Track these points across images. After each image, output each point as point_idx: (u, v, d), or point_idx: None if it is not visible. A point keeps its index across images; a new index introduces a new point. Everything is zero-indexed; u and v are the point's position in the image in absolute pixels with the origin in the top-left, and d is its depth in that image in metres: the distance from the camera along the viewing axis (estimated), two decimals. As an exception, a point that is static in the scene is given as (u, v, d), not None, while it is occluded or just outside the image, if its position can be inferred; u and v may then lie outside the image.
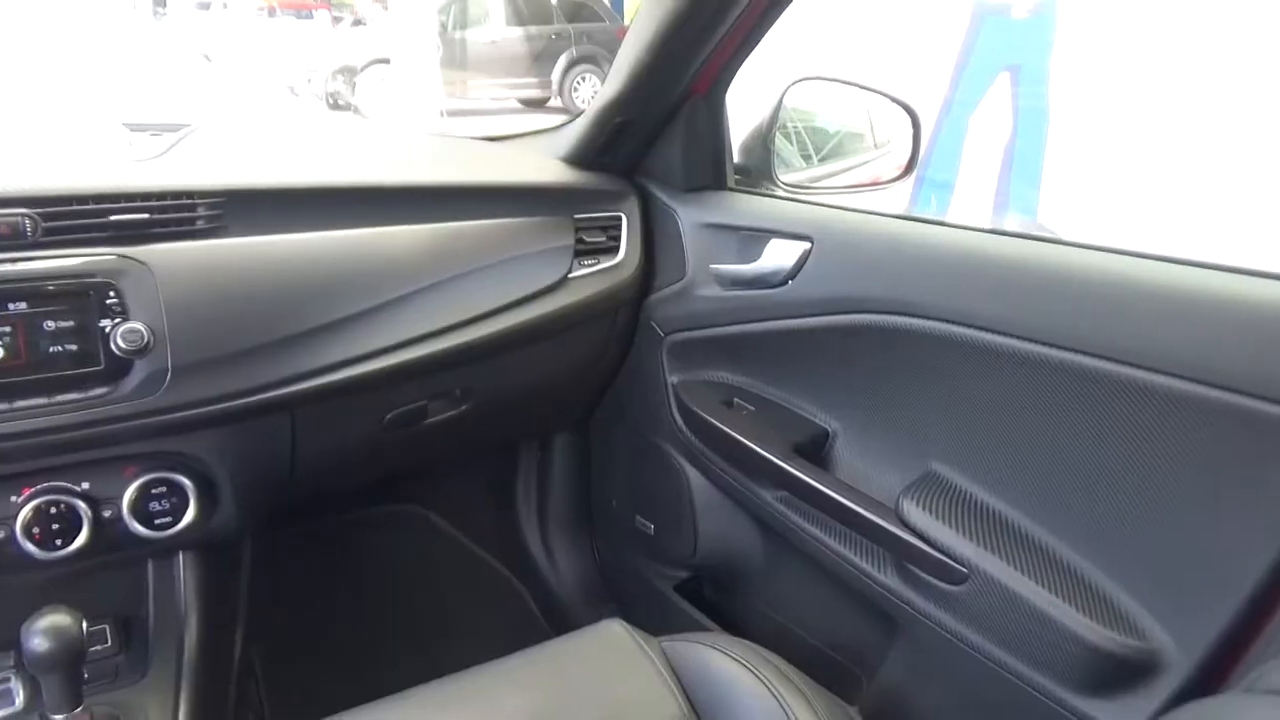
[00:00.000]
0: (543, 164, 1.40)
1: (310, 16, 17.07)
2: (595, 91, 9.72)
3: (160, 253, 1.00)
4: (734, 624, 1.44)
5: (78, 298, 0.95)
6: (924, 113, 1.41)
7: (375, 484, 1.75)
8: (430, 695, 0.95)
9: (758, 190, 1.39)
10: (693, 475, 1.41)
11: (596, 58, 10.46)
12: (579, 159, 1.39)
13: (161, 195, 1.02)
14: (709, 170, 1.38)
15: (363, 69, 9.98)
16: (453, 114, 8.56)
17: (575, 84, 10.36)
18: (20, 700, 1.02)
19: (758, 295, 1.24)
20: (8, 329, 0.92)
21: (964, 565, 0.98)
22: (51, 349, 0.94)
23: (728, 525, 1.39)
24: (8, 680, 1.04)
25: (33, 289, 0.93)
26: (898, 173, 1.49)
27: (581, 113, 1.38)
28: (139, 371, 0.97)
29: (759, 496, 1.27)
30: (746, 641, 1.02)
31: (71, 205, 0.97)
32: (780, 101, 1.40)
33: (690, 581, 1.52)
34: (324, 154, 1.33)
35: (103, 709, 0.98)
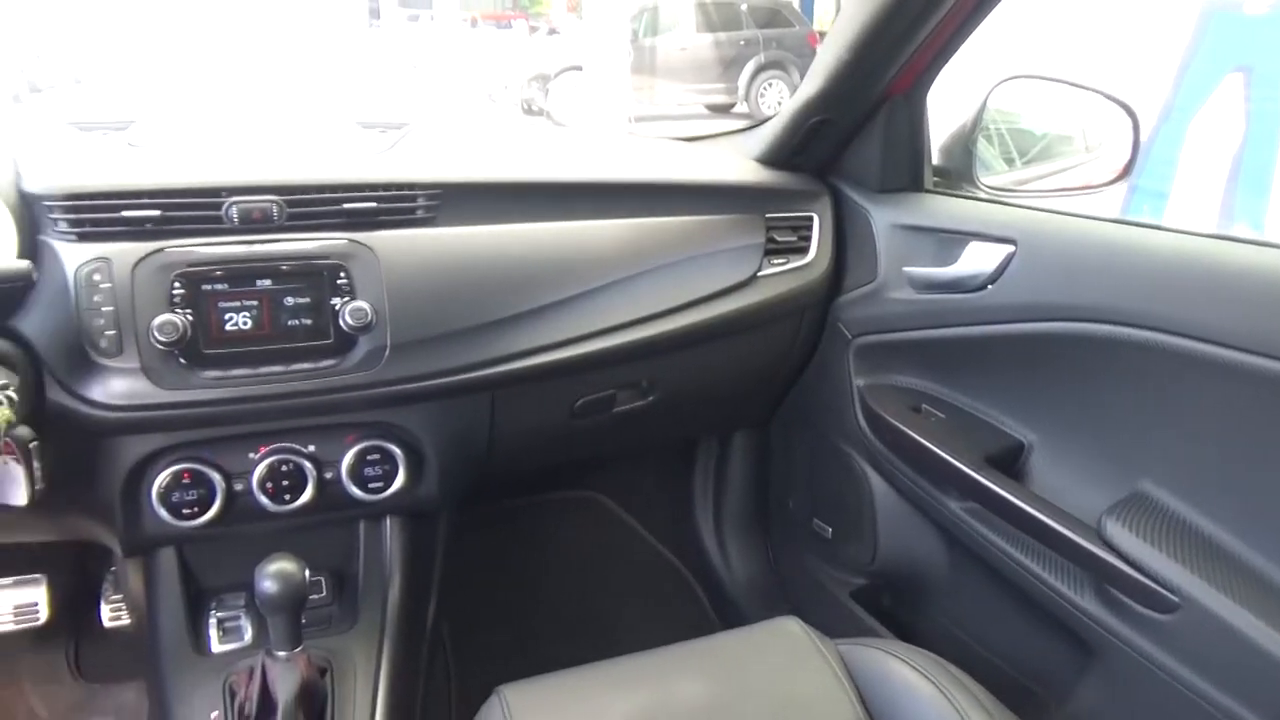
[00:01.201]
0: (736, 163, 1.42)
1: (509, 27, 17.94)
2: (781, 98, 9.65)
3: (384, 238, 1.09)
4: (911, 635, 1.40)
5: (313, 277, 1.05)
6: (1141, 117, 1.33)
7: (558, 470, 1.82)
8: (607, 671, 0.98)
9: (957, 192, 1.35)
10: (875, 480, 1.38)
11: (784, 63, 10.39)
12: (772, 159, 1.40)
13: (387, 186, 1.11)
14: (906, 171, 1.35)
15: (556, 76, 10.35)
16: (640, 120, 8.74)
17: (762, 90, 10.33)
18: (248, 636, 1.14)
19: (953, 299, 1.21)
20: (254, 303, 1.03)
21: (1174, 592, 0.92)
22: (290, 322, 1.05)
23: (910, 533, 1.35)
24: (238, 617, 1.15)
25: (277, 268, 1.04)
26: (1112, 176, 1.40)
27: (771, 116, 1.39)
28: (362, 347, 1.06)
29: (945, 506, 1.23)
30: (927, 652, 1.00)
31: (311, 194, 1.08)
32: (985, 101, 1.36)
33: (867, 588, 1.49)
34: (528, 152, 1.40)
35: (317, 652, 1.08)
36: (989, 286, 1.16)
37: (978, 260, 1.17)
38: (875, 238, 1.34)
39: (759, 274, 1.32)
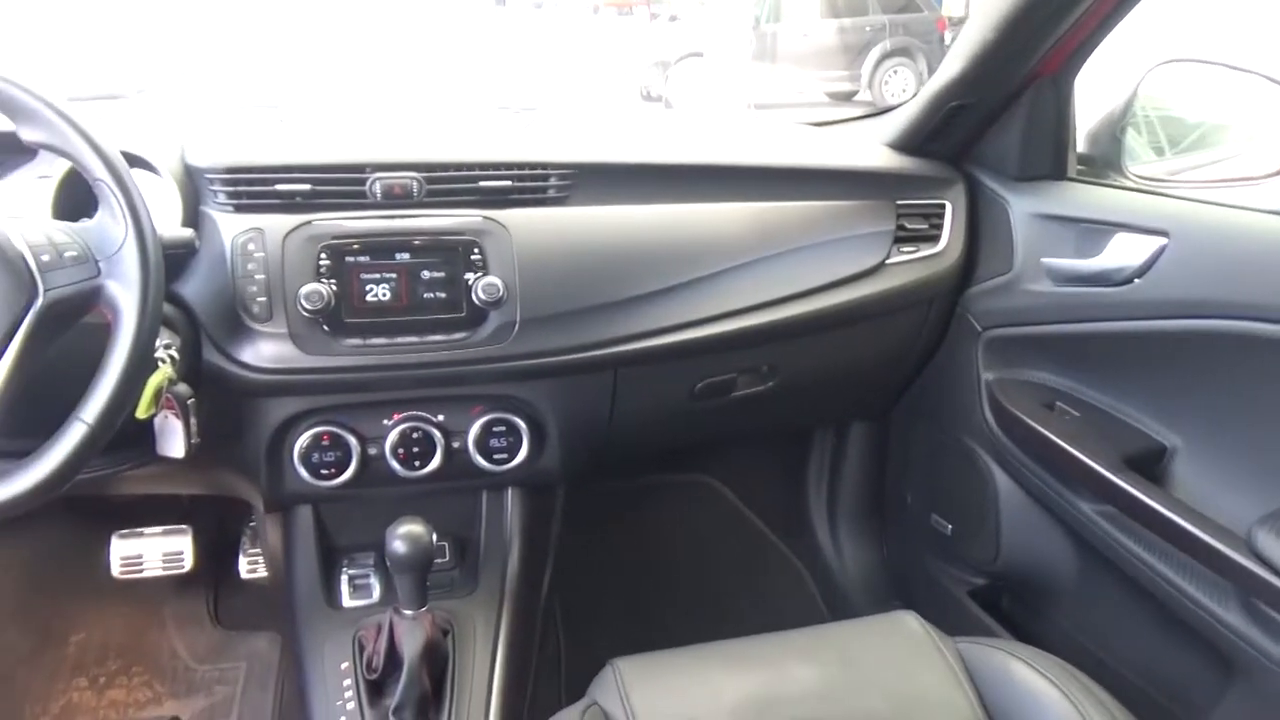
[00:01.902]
0: (867, 148, 1.39)
1: (630, 13, 17.97)
2: (906, 85, 9.37)
3: (517, 216, 1.12)
4: (1031, 639, 1.35)
5: (449, 252, 1.09)
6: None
7: (672, 453, 1.83)
8: (720, 651, 0.98)
9: (1103, 181, 1.29)
10: (1001, 478, 1.34)
11: (910, 50, 10.09)
12: (905, 144, 1.36)
13: (521, 165, 1.14)
14: (1048, 158, 1.29)
15: (676, 63, 10.32)
16: (760, 106, 8.65)
17: (886, 77, 10.06)
18: (376, 594, 1.20)
19: (1095, 293, 1.16)
20: (394, 275, 1.07)
21: None
22: (425, 295, 1.08)
23: (1036, 534, 1.31)
24: (368, 576, 1.21)
25: (415, 242, 1.08)
26: (1276, 168, 1.31)
27: (899, 103, 1.36)
28: (493, 321, 1.09)
29: (1077, 508, 1.18)
30: (1053, 656, 0.96)
31: (450, 171, 1.11)
32: (1138, 87, 1.29)
33: (986, 588, 1.45)
34: (658, 135, 1.41)
35: (440, 613, 1.12)
36: (1136, 280, 1.10)
37: (1125, 252, 1.12)
38: (1012, 227, 1.29)
39: (887, 261, 1.30)
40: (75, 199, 1.06)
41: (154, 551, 1.57)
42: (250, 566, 1.58)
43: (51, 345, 0.81)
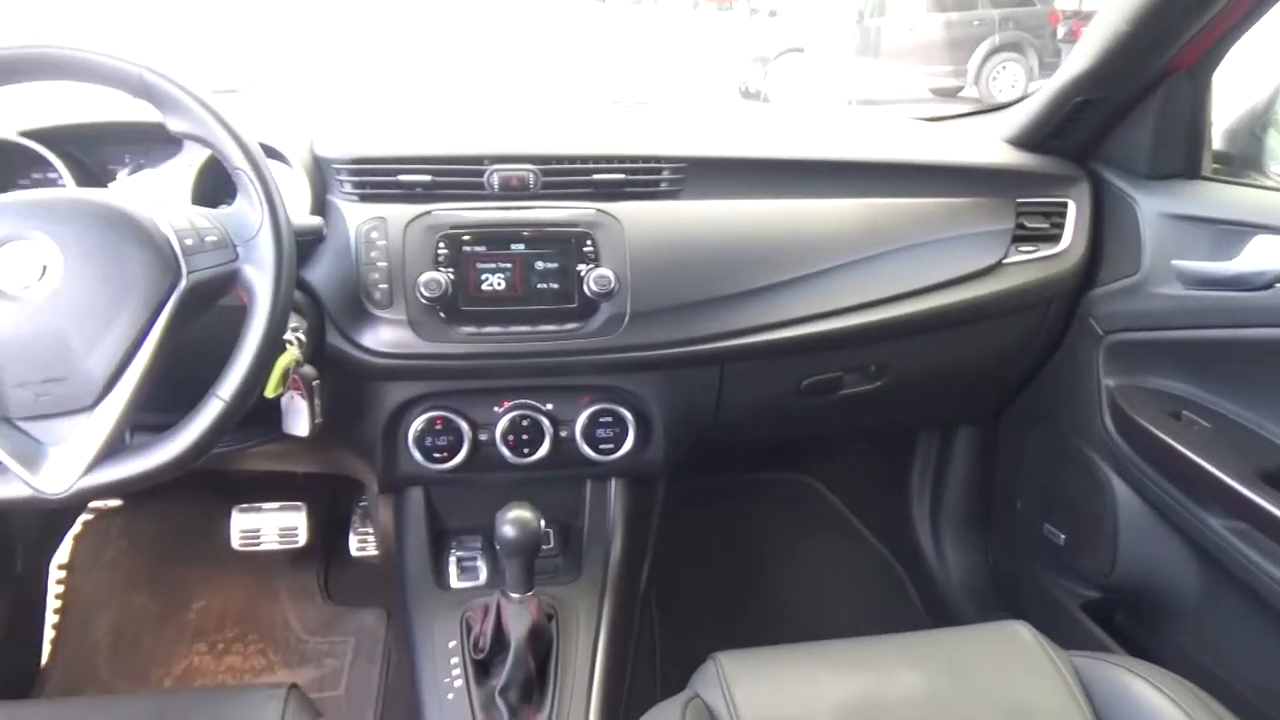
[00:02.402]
0: (985, 145, 1.35)
1: (729, 8, 17.88)
2: (1015, 81, 9.06)
3: (629, 209, 1.13)
4: (1148, 655, 1.29)
5: (562, 243, 1.10)
6: None
7: (772, 450, 1.82)
8: (823, 651, 0.97)
9: (1241, 180, 1.23)
10: (1119, 488, 1.29)
11: (1021, 44, 9.76)
12: (1026, 140, 1.32)
13: (634, 159, 1.15)
14: (1181, 156, 1.24)
15: (775, 58, 10.22)
16: (861, 103, 8.50)
17: (995, 73, 9.76)
18: (483, 576, 1.23)
19: (1231, 298, 1.10)
20: (508, 265, 1.10)
21: None
22: (539, 286, 1.10)
23: (1157, 548, 1.25)
24: (475, 558, 1.24)
25: (530, 233, 1.10)
26: None
27: (1019, 98, 1.31)
28: (604, 313, 1.11)
29: (1204, 523, 1.13)
30: (1174, 674, 0.92)
31: (564, 164, 1.13)
32: (1282, 82, 1.22)
33: (1100, 601, 1.40)
34: (770, 129, 1.40)
35: (545, 598, 1.14)
36: (1277, 285, 1.05)
37: (1266, 256, 1.06)
38: (1140, 227, 1.24)
39: (1004, 261, 1.26)
40: (212, 187, 1.11)
41: (271, 526, 1.64)
42: (360, 544, 1.65)
43: (189, 326, 0.85)
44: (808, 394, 1.28)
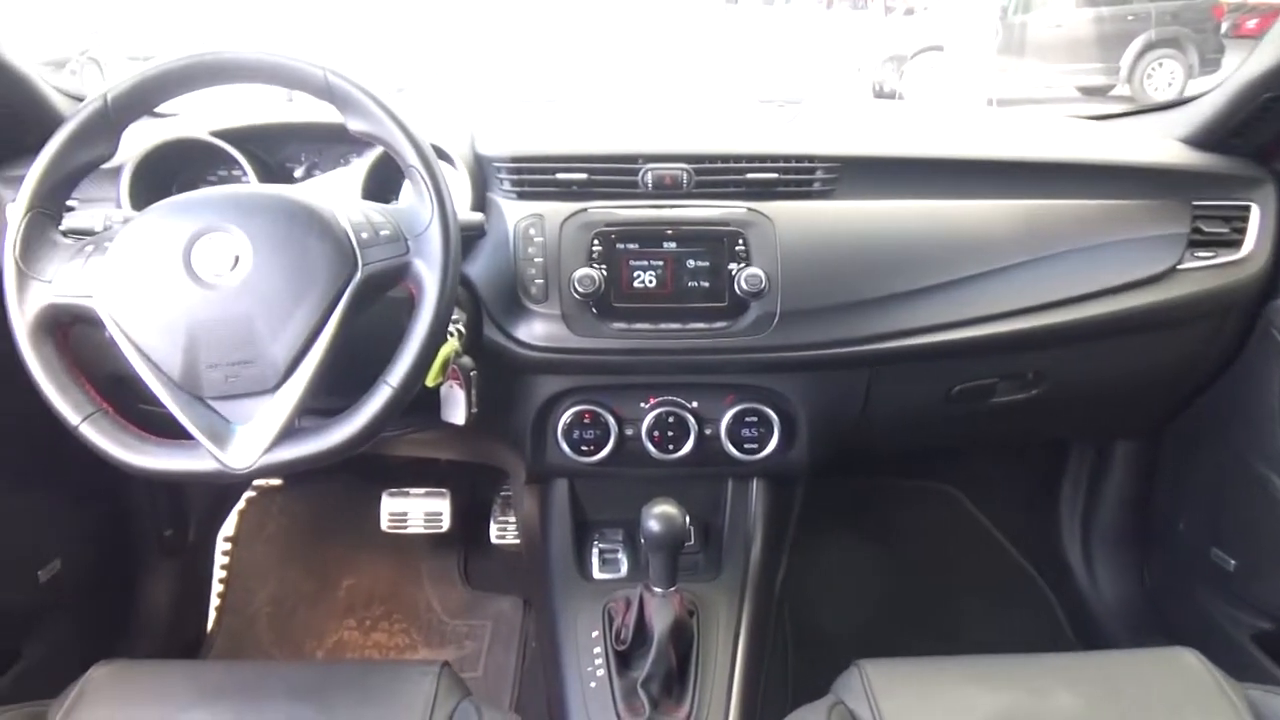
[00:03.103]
0: (1156, 144, 1.28)
1: (864, 7, 17.53)
2: (1173, 79, 8.54)
3: (781, 209, 1.12)
4: None
5: (714, 242, 1.11)
6: None
7: (913, 457, 1.78)
8: (971, 666, 0.94)
9: None
10: None
11: (1180, 40, 9.19)
12: (1203, 139, 1.25)
13: (787, 159, 1.14)
14: None
15: (912, 57, 9.96)
16: (1003, 102, 8.19)
17: (1150, 70, 9.22)
18: (624, 569, 1.24)
19: None
20: (660, 263, 1.11)
21: None
22: (689, 284, 1.11)
23: None
24: (616, 551, 1.26)
25: (682, 231, 1.11)
26: None
27: (1186, 98, 1.26)
28: (753, 312, 1.10)
29: None
30: None
31: (717, 163, 1.13)
32: None
33: (1275, 634, 1.30)
34: (925, 128, 1.37)
35: (687, 594, 1.14)
36: None
37: None
38: None
39: (1178, 267, 1.19)
40: (379, 184, 1.17)
41: (417, 510, 1.71)
42: (499, 532, 1.70)
43: (360, 316, 0.90)
44: (958, 401, 1.24)
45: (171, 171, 1.19)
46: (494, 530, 1.71)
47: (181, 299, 0.83)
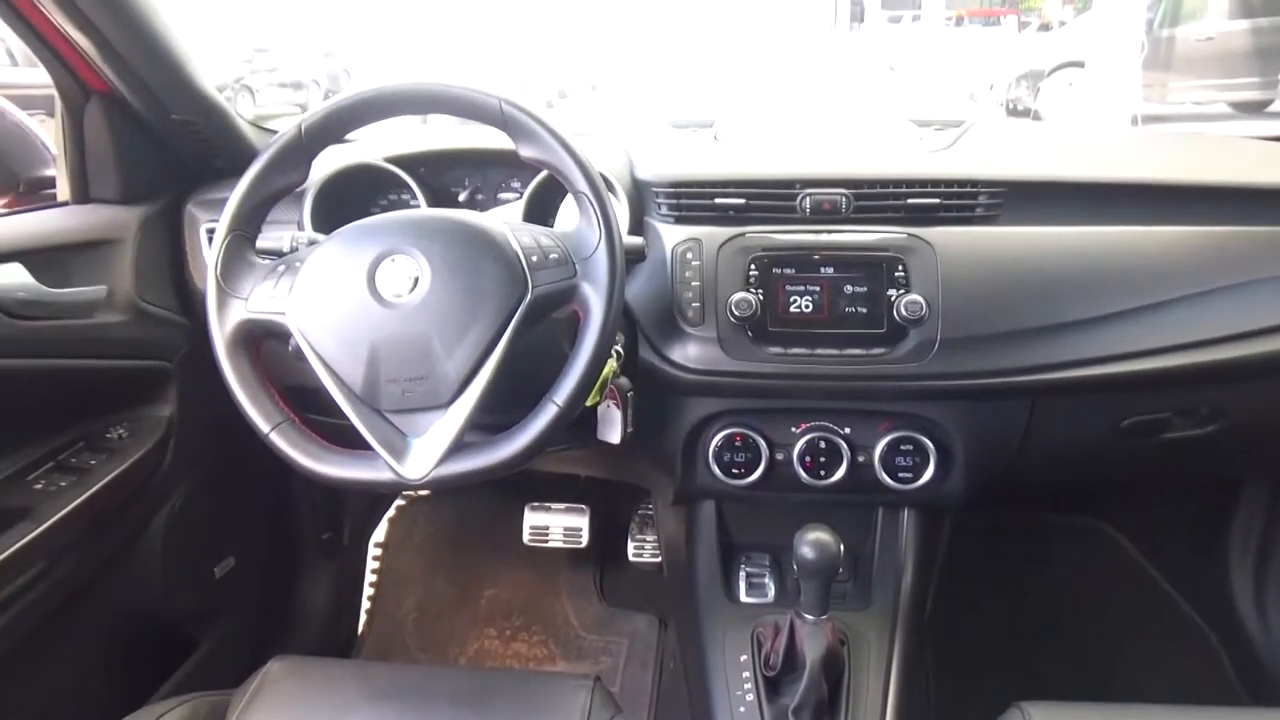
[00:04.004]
0: None
1: (997, 24, 17.08)
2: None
3: (942, 234, 1.10)
4: None
5: (873, 267, 1.10)
6: None
7: (1068, 491, 1.71)
8: (1140, 715, 0.90)
9: None
10: None
11: (1348, 50, 8.57)
12: None
13: (949, 183, 1.12)
14: None
15: (1049, 73, 9.63)
16: (1148, 119, 7.80)
17: (1314, 84, 8.63)
18: (771, 594, 1.23)
19: None
20: (817, 288, 1.11)
21: None
22: (846, 309, 1.10)
23: None
24: (763, 575, 1.26)
25: (840, 257, 1.10)
26: None
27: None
28: (912, 339, 1.09)
29: None
30: None
31: (877, 188, 1.12)
32: None
33: None
34: (1087, 150, 1.32)
35: (838, 623, 1.13)
36: None
37: None
38: None
39: None
40: (539, 209, 1.21)
41: (558, 525, 1.75)
42: (636, 550, 1.71)
43: (527, 336, 0.93)
44: (1127, 435, 1.19)
45: (346, 194, 1.26)
46: (631, 548, 1.73)
47: (365, 317, 0.88)
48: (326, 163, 1.22)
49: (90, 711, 1.22)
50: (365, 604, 1.83)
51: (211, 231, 1.25)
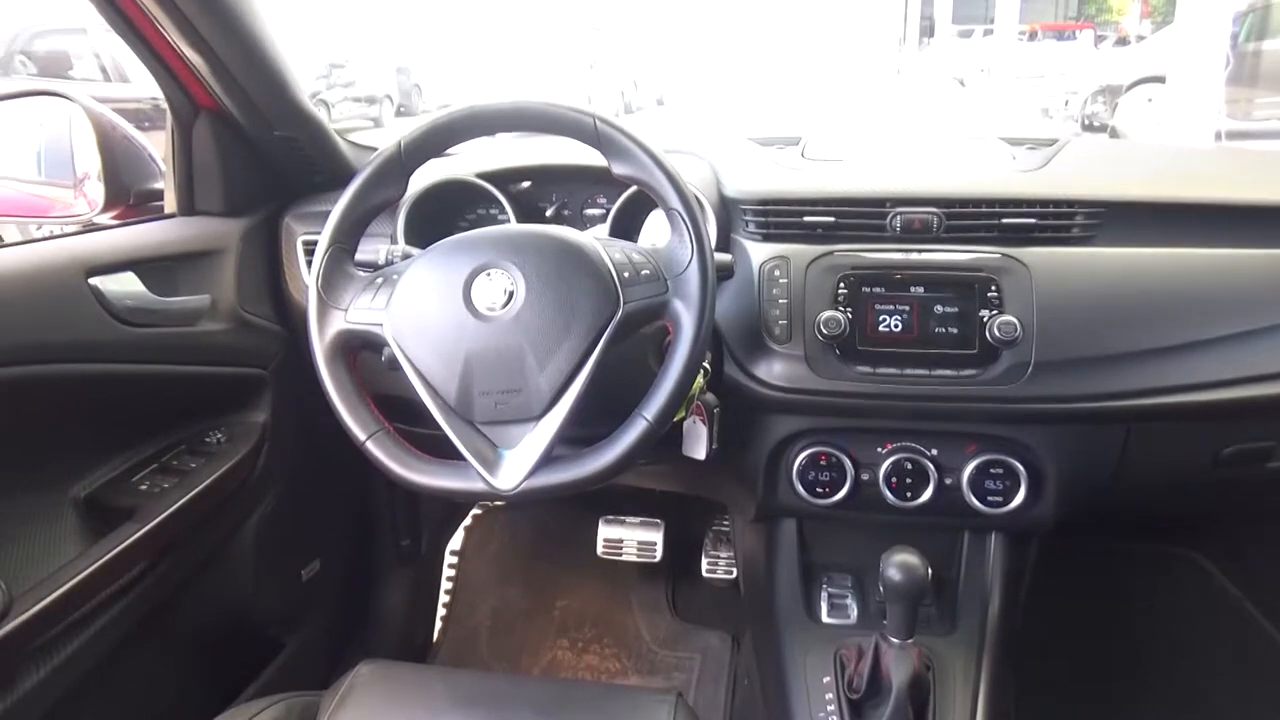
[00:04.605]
0: None
1: (1072, 38, 16.73)
2: None
3: (1037, 255, 1.09)
4: None
5: (964, 288, 1.08)
6: None
7: (1162, 520, 1.66)
8: None
9: None
10: None
11: None
12: None
13: (1044, 202, 1.10)
14: None
15: (1128, 88, 9.40)
16: (1231, 135, 7.56)
17: None
18: (854, 616, 1.22)
19: None
20: (906, 308, 1.09)
21: None
22: (937, 330, 1.09)
23: None
24: (845, 596, 1.24)
25: (930, 276, 1.09)
26: None
27: None
28: (1004, 361, 1.07)
29: None
30: None
31: (970, 207, 1.11)
32: None
33: None
34: (1195, 171, 1.29)
35: (923, 648, 1.11)
36: None
37: None
38: None
39: None
40: (625, 225, 1.22)
41: (632, 539, 1.76)
42: (710, 566, 1.71)
43: (615, 350, 0.93)
44: (1228, 464, 1.15)
45: (436, 208, 1.29)
46: (705, 563, 1.72)
47: (460, 329, 0.90)
48: (420, 178, 1.25)
49: (182, 708, 1.26)
50: (440, 611, 1.86)
51: (307, 243, 1.29)
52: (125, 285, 1.12)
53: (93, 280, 1.07)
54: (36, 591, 0.99)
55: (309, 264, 1.28)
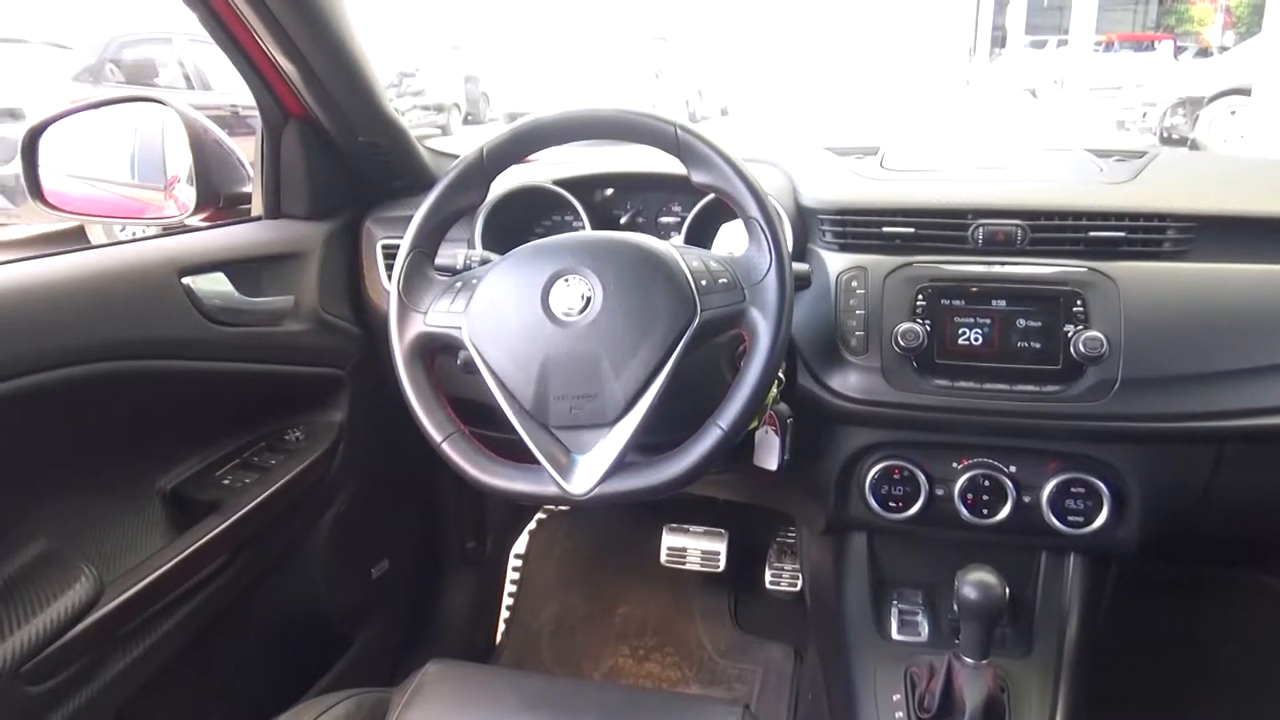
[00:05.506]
0: None
1: (1151, 48, 16.28)
2: None
3: (1126, 269, 1.05)
4: None
5: (1048, 302, 1.06)
6: None
7: (1250, 546, 1.59)
8: None
9: None
10: None
11: None
12: None
13: (1135, 216, 1.07)
14: None
15: (1209, 100, 9.11)
16: (1320, 149, 7.28)
17: None
18: (924, 633, 1.20)
19: None
20: (987, 321, 1.07)
21: None
22: (1019, 344, 1.07)
23: None
24: (916, 614, 1.22)
25: (1013, 290, 1.07)
26: None
27: None
28: (1090, 378, 1.04)
29: None
30: None
31: (1055, 220, 1.08)
32: None
33: None
34: None
35: (997, 670, 1.09)
36: None
37: None
38: None
39: None
40: (698, 233, 1.22)
41: (696, 548, 1.75)
42: (774, 578, 1.69)
43: (690, 358, 0.93)
44: None
45: (513, 214, 1.30)
46: (769, 575, 1.71)
47: (538, 335, 0.90)
48: (498, 184, 1.27)
49: (256, 699, 1.29)
50: (504, 613, 1.87)
51: (387, 248, 1.31)
52: (215, 285, 1.16)
53: (185, 280, 1.11)
54: (124, 580, 1.03)
55: (388, 268, 1.31)
